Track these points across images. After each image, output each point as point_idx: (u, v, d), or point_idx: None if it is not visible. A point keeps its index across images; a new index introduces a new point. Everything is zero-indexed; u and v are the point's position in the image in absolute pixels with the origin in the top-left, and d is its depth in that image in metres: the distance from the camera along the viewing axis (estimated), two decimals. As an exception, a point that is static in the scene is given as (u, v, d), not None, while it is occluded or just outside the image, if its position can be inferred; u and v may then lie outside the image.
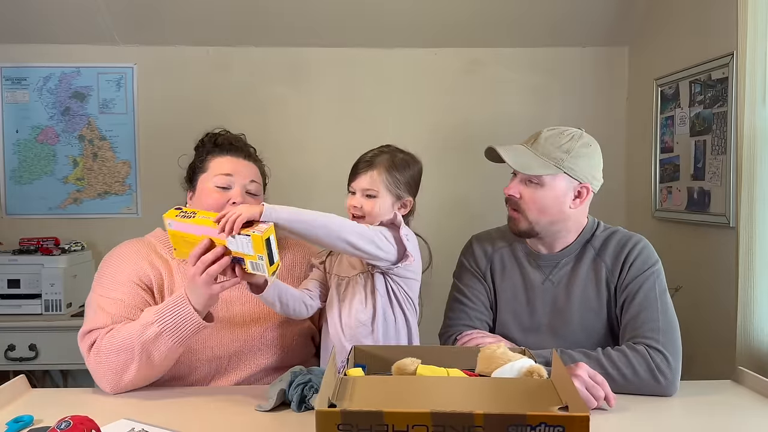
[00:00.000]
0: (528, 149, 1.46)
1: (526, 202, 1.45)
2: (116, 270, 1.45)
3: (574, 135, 1.46)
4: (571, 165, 1.43)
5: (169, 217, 1.27)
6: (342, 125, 2.85)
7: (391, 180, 1.43)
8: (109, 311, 1.38)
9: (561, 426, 0.81)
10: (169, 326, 1.29)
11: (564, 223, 1.48)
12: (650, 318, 1.40)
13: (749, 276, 1.78)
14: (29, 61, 2.82)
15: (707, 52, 2.21)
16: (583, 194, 1.47)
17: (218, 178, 1.47)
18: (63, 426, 1.02)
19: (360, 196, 1.43)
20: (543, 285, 1.52)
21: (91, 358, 1.36)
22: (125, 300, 1.40)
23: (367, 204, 1.42)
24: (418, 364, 1.06)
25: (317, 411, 0.84)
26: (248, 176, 1.50)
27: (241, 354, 1.47)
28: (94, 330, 1.38)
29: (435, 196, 2.85)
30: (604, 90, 2.89)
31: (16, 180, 2.86)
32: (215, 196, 1.45)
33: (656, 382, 1.34)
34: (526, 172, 1.43)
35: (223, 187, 1.46)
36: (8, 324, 2.46)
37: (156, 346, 1.30)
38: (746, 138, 1.79)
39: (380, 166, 1.43)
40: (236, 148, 1.54)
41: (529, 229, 1.47)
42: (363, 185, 1.43)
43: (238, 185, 1.47)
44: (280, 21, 2.72)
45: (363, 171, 1.43)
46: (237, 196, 1.46)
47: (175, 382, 1.44)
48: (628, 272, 1.46)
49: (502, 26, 2.76)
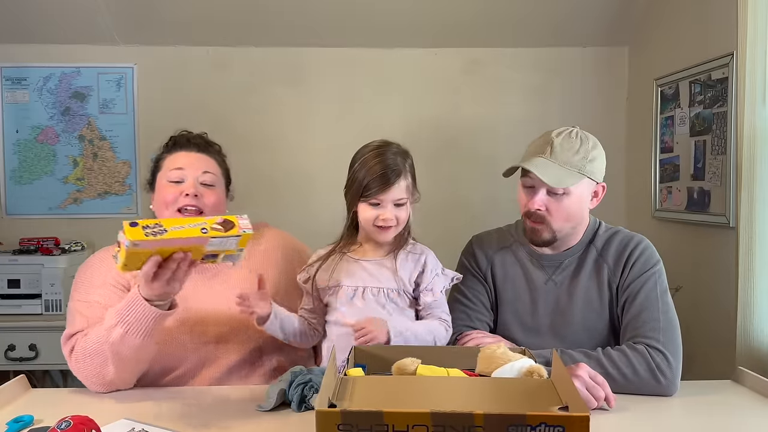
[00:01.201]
0: (549, 161, 1.42)
1: (552, 213, 1.44)
2: (91, 275, 1.47)
3: (581, 136, 1.45)
4: (591, 168, 1.43)
5: (135, 239, 1.11)
6: (342, 125, 2.85)
7: (413, 184, 1.40)
8: (86, 314, 1.40)
9: (561, 426, 0.81)
10: (131, 324, 1.28)
11: (581, 224, 1.50)
12: (651, 318, 1.40)
13: (749, 276, 1.78)
14: (29, 61, 2.82)
15: (707, 52, 2.21)
16: (599, 192, 1.49)
17: (171, 172, 1.47)
18: (63, 426, 1.03)
19: (391, 208, 1.36)
20: (546, 285, 1.51)
21: (72, 363, 1.38)
22: (102, 301, 1.41)
23: (400, 214, 1.37)
24: (418, 364, 1.06)
25: (317, 411, 0.84)
26: (200, 168, 1.49)
27: (228, 337, 1.47)
28: (73, 335, 1.39)
29: (435, 197, 2.85)
30: (604, 90, 2.89)
31: (16, 180, 2.86)
32: (169, 190, 1.46)
33: (656, 382, 1.34)
34: (560, 186, 1.40)
35: (175, 180, 1.47)
36: (8, 324, 2.46)
37: (125, 345, 1.30)
38: (746, 138, 1.79)
39: (407, 171, 1.38)
40: (190, 144, 1.54)
41: (552, 238, 1.47)
42: (396, 196, 1.35)
43: (191, 177, 1.47)
44: (280, 21, 2.72)
45: (395, 181, 1.35)
46: (189, 187, 1.45)
47: (167, 374, 1.44)
48: (630, 272, 1.46)
49: (502, 26, 2.76)
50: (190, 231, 1.15)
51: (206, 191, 1.47)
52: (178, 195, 1.44)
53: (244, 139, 2.85)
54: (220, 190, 1.51)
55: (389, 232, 1.37)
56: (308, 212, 2.68)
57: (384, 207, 1.35)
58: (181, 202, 1.43)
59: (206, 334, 1.46)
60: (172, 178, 1.47)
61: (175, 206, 1.43)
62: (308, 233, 1.60)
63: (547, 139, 1.45)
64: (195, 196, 1.44)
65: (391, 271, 1.39)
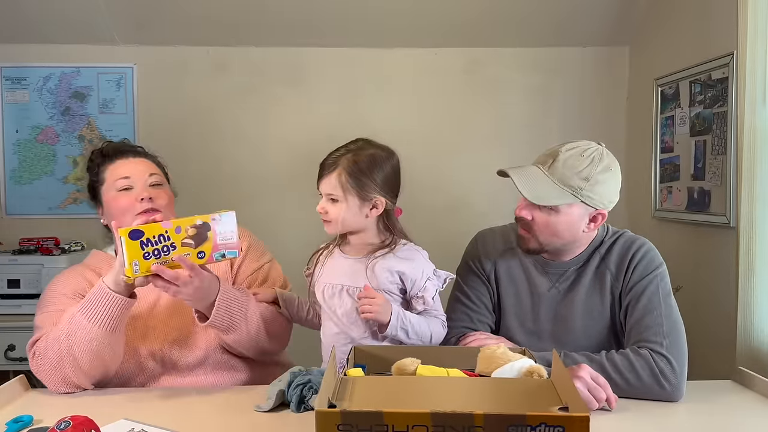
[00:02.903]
0: (544, 174, 1.38)
1: (538, 226, 1.41)
2: (56, 288, 1.50)
3: (594, 157, 1.37)
4: (589, 193, 1.36)
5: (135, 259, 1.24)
6: (342, 125, 2.84)
7: (354, 183, 1.34)
8: (51, 321, 1.41)
9: (561, 426, 0.81)
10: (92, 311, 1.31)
11: (575, 243, 1.46)
12: (654, 322, 1.37)
13: (749, 276, 1.78)
14: (29, 61, 2.82)
15: (707, 52, 2.21)
16: (598, 219, 1.42)
17: (118, 182, 1.49)
18: (63, 426, 1.02)
19: (325, 200, 1.38)
20: (549, 292, 1.50)
21: (33, 364, 1.38)
22: (65, 309, 1.42)
23: (332, 209, 1.37)
24: (418, 364, 1.06)
25: (317, 411, 0.84)
26: (145, 171, 1.52)
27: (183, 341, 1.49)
28: (37, 340, 1.40)
29: (435, 196, 2.85)
30: (604, 90, 2.89)
31: (16, 180, 2.86)
32: (122, 200, 1.47)
33: (660, 387, 1.31)
34: (540, 203, 1.37)
35: (125, 188, 1.48)
36: (8, 324, 2.46)
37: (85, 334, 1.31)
38: (746, 138, 1.79)
39: (341, 167, 1.35)
40: (124, 152, 1.55)
41: (539, 248, 1.45)
42: (326, 189, 1.37)
43: (140, 182, 1.49)
44: (280, 21, 2.72)
45: (326, 173, 1.36)
46: (142, 191, 1.47)
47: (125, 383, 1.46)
48: (632, 276, 1.44)
49: (502, 26, 2.76)
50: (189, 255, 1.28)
51: (157, 192, 1.50)
52: (132, 201, 1.46)
53: (244, 139, 2.85)
54: (167, 189, 1.55)
55: (328, 227, 1.39)
56: (309, 211, 2.67)
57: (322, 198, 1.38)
58: (138, 208, 1.45)
59: (159, 339, 1.49)
60: (120, 186, 1.48)
61: (133, 212, 1.44)
62: (309, 232, 1.60)
63: (555, 152, 1.40)
64: (150, 199, 1.46)
65: (369, 271, 1.37)
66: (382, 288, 1.36)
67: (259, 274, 1.59)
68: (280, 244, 1.91)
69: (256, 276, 1.59)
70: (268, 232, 1.85)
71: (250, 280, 1.58)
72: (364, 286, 1.34)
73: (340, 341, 1.37)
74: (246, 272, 1.59)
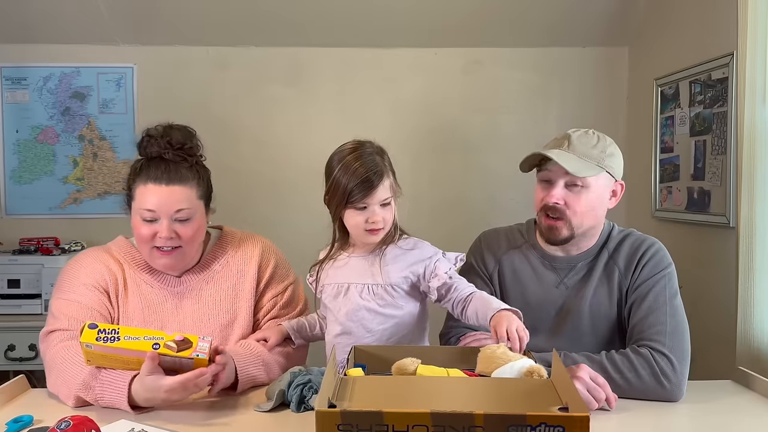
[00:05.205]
0: (567, 152, 1.43)
1: (571, 207, 1.42)
2: (74, 274, 1.47)
3: (597, 134, 1.47)
4: (610, 163, 1.44)
5: (87, 341, 1.21)
6: (342, 125, 2.84)
7: (394, 178, 1.39)
8: (66, 313, 1.41)
9: (561, 426, 0.81)
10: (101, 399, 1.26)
11: (598, 224, 1.49)
12: (658, 321, 1.37)
13: (749, 276, 1.78)
14: (29, 61, 2.82)
15: (707, 52, 2.21)
16: (618, 192, 1.49)
17: (143, 212, 1.41)
18: (63, 426, 1.03)
19: (379, 209, 1.35)
20: (557, 288, 1.50)
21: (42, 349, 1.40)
22: (82, 301, 1.42)
23: (386, 214, 1.36)
24: (418, 364, 1.06)
25: (317, 411, 0.84)
26: (173, 206, 1.40)
27: None
28: (52, 332, 1.40)
29: (435, 196, 2.85)
30: (604, 90, 2.89)
31: (16, 180, 2.85)
32: (144, 228, 1.41)
33: (660, 386, 1.31)
34: (579, 174, 1.40)
35: (149, 220, 1.41)
36: (8, 324, 2.46)
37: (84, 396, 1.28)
38: (746, 138, 1.79)
39: (387, 170, 1.36)
40: (160, 173, 1.42)
41: (571, 235, 1.45)
42: (382, 197, 1.34)
43: (165, 217, 1.40)
44: (280, 21, 2.72)
45: (378, 183, 1.33)
46: (164, 230, 1.40)
47: None
48: (640, 275, 1.44)
49: (502, 26, 2.76)
50: (141, 344, 1.22)
51: (181, 227, 1.42)
52: (153, 235, 1.41)
53: (244, 139, 2.85)
54: (197, 219, 1.45)
55: (379, 234, 1.37)
56: (309, 211, 2.66)
57: (371, 210, 1.34)
58: (157, 243, 1.41)
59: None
60: (145, 217, 1.41)
61: (152, 244, 1.41)
62: (309, 232, 1.59)
63: (564, 135, 1.47)
64: (170, 238, 1.41)
65: (377, 267, 1.38)
66: (391, 282, 1.37)
67: (283, 297, 1.57)
68: (280, 244, 1.90)
69: (278, 300, 1.57)
70: (268, 233, 1.84)
71: (272, 303, 1.56)
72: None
73: (343, 341, 1.37)
74: (271, 294, 1.56)
